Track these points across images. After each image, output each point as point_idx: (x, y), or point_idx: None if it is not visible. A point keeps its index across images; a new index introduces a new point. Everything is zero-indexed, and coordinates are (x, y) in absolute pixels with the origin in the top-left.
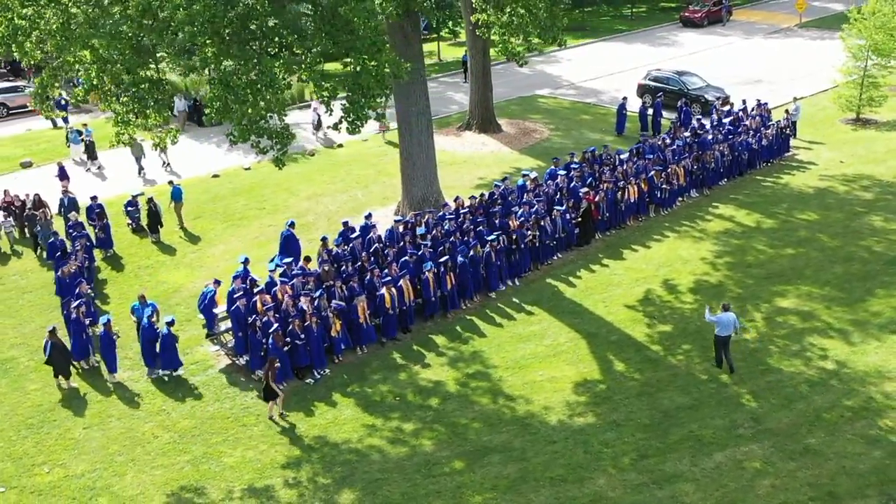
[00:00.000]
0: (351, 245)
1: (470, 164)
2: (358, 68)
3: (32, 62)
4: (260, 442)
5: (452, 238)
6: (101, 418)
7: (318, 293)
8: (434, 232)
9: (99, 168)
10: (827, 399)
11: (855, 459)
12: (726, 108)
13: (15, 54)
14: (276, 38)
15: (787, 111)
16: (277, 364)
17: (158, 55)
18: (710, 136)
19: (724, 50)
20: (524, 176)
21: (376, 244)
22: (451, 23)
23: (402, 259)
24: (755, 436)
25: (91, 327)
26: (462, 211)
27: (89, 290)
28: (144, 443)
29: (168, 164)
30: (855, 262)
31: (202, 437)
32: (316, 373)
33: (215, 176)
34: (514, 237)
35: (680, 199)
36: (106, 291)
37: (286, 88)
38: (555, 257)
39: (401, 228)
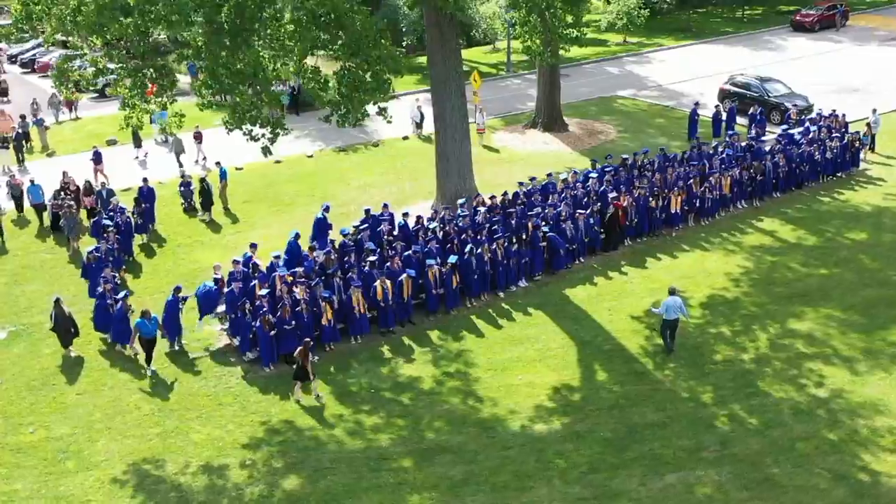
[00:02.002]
0: (360, 236)
1: (526, 162)
2: (349, 63)
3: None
4: (230, 421)
5: (463, 235)
6: (95, 386)
7: (314, 281)
8: (447, 228)
9: (146, 153)
10: (807, 429)
11: (814, 495)
12: (800, 117)
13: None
14: (269, 30)
15: (867, 124)
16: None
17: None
18: (766, 147)
19: (831, 56)
20: (549, 176)
21: (385, 236)
22: None
23: (406, 253)
24: (717, 460)
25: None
26: (479, 209)
27: (114, 275)
28: (126, 412)
29: (205, 157)
30: (889, 287)
31: (179, 411)
32: None
33: (277, 162)
34: (525, 238)
35: (725, 209)
36: (140, 264)
37: (274, 79)
38: (576, 261)
39: (413, 223)
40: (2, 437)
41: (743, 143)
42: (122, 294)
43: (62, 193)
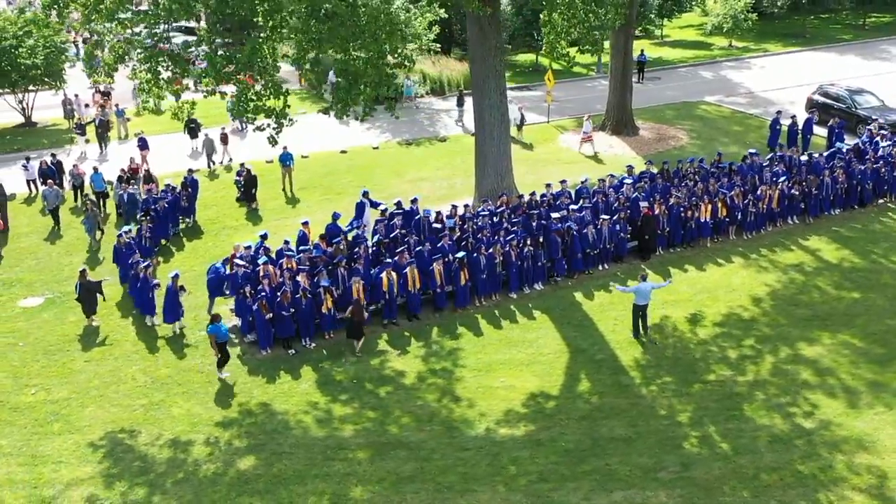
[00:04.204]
0: (374, 229)
1: (583, 164)
2: (346, 55)
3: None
4: (211, 398)
5: (480, 235)
6: (102, 356)
7: (317, 269)
8: (466, 226)
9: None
10: (779, 458)
11: None
12: (879, 132)
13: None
14: (270, 22)
15: None
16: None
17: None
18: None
19: None
20: (584, 182)
21: (398, 230)
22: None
23: (418, 248)
24: (672, 482)
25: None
26: (499, 209)
27: (147, 262)
28: (121, 383)
29: (230, 159)
30: None
31: (168, 386)
32: (303, 342)
33: (343, 152)
34: (540, 241)
35: (773, 224)
36: (182, 245)
37: (274, 71)
38: (599, 267)
39: (432, 219)
40: (6, 395)
41: (785, 155)
42: (172, 273)
43: (119, 182)
